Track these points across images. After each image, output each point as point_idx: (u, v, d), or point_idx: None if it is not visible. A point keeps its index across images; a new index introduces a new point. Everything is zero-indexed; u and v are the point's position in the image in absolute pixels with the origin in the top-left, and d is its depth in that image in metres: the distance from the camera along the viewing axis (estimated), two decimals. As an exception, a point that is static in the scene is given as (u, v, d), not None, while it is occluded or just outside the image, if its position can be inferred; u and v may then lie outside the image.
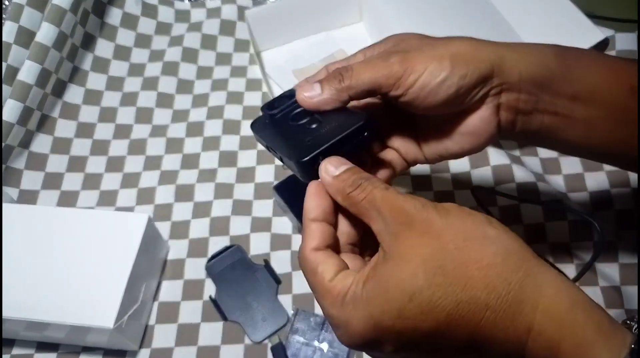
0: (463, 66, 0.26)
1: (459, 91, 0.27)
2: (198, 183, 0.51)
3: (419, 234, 0.22)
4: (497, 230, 0.23)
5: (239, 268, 0.46)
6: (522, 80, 0.27)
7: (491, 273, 0.21)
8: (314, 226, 0.25)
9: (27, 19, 0.53)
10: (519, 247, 0.22)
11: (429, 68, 0.26)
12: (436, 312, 0.21)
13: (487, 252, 0.22)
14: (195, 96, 0.57)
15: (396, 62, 0.27)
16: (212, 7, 0.64)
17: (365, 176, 0.25)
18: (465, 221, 0.23)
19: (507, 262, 0.21)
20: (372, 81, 0.27)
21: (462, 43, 0.27)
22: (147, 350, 0.42)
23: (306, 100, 0.28)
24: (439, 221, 0.22)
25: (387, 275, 0.22)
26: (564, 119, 0.29)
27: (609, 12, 0.55)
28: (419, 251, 0.22)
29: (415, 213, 0.23)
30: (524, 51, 0.28)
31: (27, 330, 0.41)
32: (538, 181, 0.47)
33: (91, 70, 0.58)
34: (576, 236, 0.45)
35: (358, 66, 0.28)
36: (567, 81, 0.28)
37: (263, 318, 0.43)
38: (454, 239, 0.22)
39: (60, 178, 0.52)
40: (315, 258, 0.25)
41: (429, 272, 0.21)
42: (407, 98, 0.27)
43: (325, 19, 0.62)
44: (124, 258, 0.40)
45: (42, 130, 0.53)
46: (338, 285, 0.23)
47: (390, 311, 0.22)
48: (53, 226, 0.42)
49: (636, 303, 0.42)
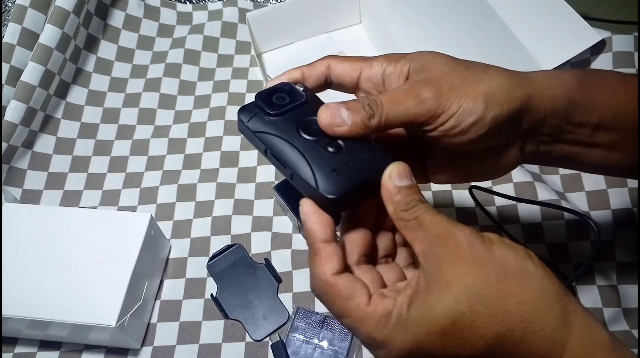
0: (497, 107, 0.26)
1: (489, 132, 0.26)
2: (200, 182, 0.51)
3: (464, 261, 0.23)
4: (536, 267, 0.23)
5: (240, 267, 0.46)
6: (547, 116, 0.27)
7: (528, 308, 0.22)
8: (328, 248, 0.24)
9: (30, 21, 0.53)
10: (554, 285, 0.23)
11: (463, 107, 0.26)
12: (475, 339, 0.22)
13: (526, 288, 0.22)
14: (197, 97, 0.58)
15: (429, 99, 0.26)
16: (213, 10, 0.64)
17: (420, 199, 0.25)
18: (508, 254, 0.23)
19: (544, 299, 0.22)
20: (403, 119, 0.26)
21: (495, 80, 0.26)
22: (149, 348, 0.43)
23: (332, 128, 0.26)
24: (484, 252, 0.23)
25: (432, 297, 0.23)
26: (585, 146, 0.29)
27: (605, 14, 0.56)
28: (463, 279, 0.23)
29: (462, 241, 0.23)
30: (549, 85, 0.27)
31: (30, 329, 0.41)
32: (535, 181, 0.48)
33: (94, 71, 0.59)
34: (573, 236, 0.45)
35: (387, 100, 0.26)
36: (590, 110, 0.28)
37: (264, 317, 0.43)
38: (496, 271, 0.23)
39: (63, 178, 0.52)
40: (343, 283, 0.24)
41: (471, 300, 0.22)
42: (435, 134, 0.27)
43: (325, 21, 0.62)
44: (126, 257, 0.40)
45: (46, 130, 0.54)
46: (378, 308, 0.23)
47: (434, 333, 0.22)
48: (56, 226, 0.42)
49: (633, 302, 0.42)
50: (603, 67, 0.53)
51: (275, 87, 0.28)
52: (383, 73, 0.28)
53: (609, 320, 0.42)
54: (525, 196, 0.47)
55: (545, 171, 0.50)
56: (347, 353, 0.41)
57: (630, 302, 0.42)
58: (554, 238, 0.46)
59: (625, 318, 0.42)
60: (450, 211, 0.48)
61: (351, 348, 0.41)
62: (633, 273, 0.43)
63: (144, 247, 0.41)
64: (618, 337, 0.37)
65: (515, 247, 0.24)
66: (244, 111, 0.27)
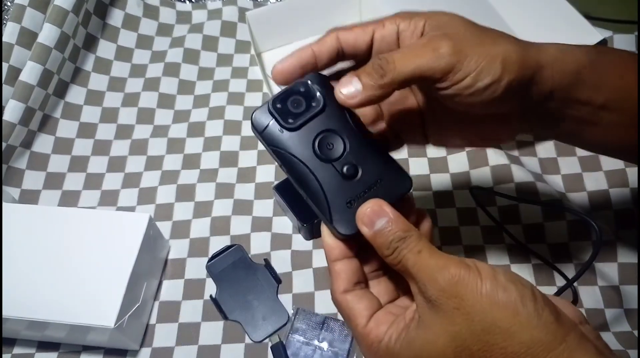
0: (513, 72, 0.25)
1: (501, 96, 0.26)
2: (199, 182, 0.51)
3: (450, 308, 0.22)
4: (527, 312, 0.22)
5: (239, 268, 0.46)
6: (554, 90, 0.27)
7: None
8: (337, 267, 0.26)
9: (29, 20, 0.53)
10: (547, 333, 0.22)
11: (481, 66, 0.25)
12: None
13: (514, 340, 0.22)
14: (196, 96, 0.58)
15: (448, 55, 0.24)
16: (213, 9, 0.64)
17: (402, 235, 0.24)
18: (497, 299, 0.22)
19: (532, 352, 0.21)
20: (418, 72, 0.25)
21: (510, 44, 0.26)
22: (148, 350, 0.42)
23: (347, 101, 0.25)
24: (470, 298, 0.22)
25: (418, 342, 0.23)
26: (588, 124, 0.28)
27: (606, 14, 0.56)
28: (448, 328, 0.22)
29: (445, 287, 0.22)
30: (561, 58, 0.27)
31: (28, 330, 0.41)
32: (537, 181, 0.48)
33: (93, 71, 0.58)
34: (575, 236, 0.45)
35: (401, 56, 0.25)
36: (597, 89, 0.27)
37: (263, 318, 0.43)
38: (483, 320, 0.22)
39: (62, 178, 0.52)
40: (347, 303, 0.25)
41: (456, 350, 0.22)
42: (448, 92, 0.25)
43: (325, 21, 0.62)
44: (125, 258, 0.40)
45: (44, 130, 0.54)
46: (372, 333, 0.24)
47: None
48: (54, 226, 0.42)
49: (635, 302, 0.42)
50: (604, 67, 0.53)
51: (290, 89, 0.26)
52: (397, 30, 0.27)
53: (610, 321, 0.42)
54: (526, 196, 0.47)
55: (547, 171, 0.50)
56: (347, 355, 0.41)
57: (632, 303, 0.42)
58: (555, 238, 0.46)
59: (627, 319, 0.42)
60: (452, 211, 0.48)
61: (351, 350, 0.41)
62: (635, 274, 0.43)
63: (142, 247, 0.41)
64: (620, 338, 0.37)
65: (508, 289, 0.22)
66: (258, 119, 0.26)
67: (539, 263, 0.45)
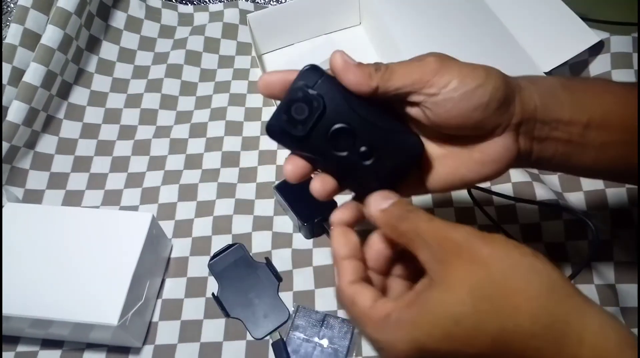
0: (496, 79, 0.27)
1: (490, 102, 0.26)
2: (201, 182, 0.52)
3: (467, 262, 0.23)
4: (543, 263, 0.23)
5: (240, 266, 0.46)
6: (537, 109, 0.28)
7: (537, 304, 0.22)
8: (345, 263, 0.27)
9: (32, 22, 0.54)
10: (564, 281, 0.23)
11: (464, 72, 0.26)
12: (482, 337, 0.22)
13: (534, 283, 0.22)
14: (198, 97, 0.58)
15: (432, 62, 0.27)
16: (214, 11, 0.65)
17: (411, 208, 0.26)
18: (512, 251, 0.23)
19: (553, 295, 0.22)
20: (406, 75, 0.27)
21: (491, 66, 0.28)
22: (151, 347, 0.43)
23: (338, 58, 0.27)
24: (485, 250, 0.23)
25: (434, 299, 0.23)
26: (578, 146, 0.29)
27: (603, 15, 0.56)
28: (467, 279, 0.23)
29: (462, 242, 0.23)
30: (534, 82, 0.29)
31: (32, 328, 0.41)
32: (534, 181, 0.48)
33: (96, 72, 0.59)
34: (572, 236, 0.46)
35: (396, 65, 0.27)
36: (578, 108, 0.28)
37: (264, 315, 0.44)
38: (501, 269, 0.22)
39: (66, 178, 0.53)
40: (353, 289, 0.26)
41: (475, 298, 0.22)
42: (438, 99, 0.27)
43: (325, 23, 0.62)
44: (128, 256, 0.41)
45: (48, 131, 0.54)
46: (378, 309, 0.24)
47: (436, 335, 0.22)
48: (58, 226, 0.42)
49: (631, 301, 0.43)
50: (601, 68, 0.53)
51: (290, 99, 0.27)
52: None
53: (607, 319, 0.42)
54: (523, 196, 0.47)
55: (544, 171, 0.50)
56: (347, 352, 0.41)
57: (628, 301, 0.43)
58: (552, 237, 0.46)
59: (624, 318, 0.42)
60: (449, 211, 0.49)
61: (351, 347, 0.41)
62: (631, 273, 0.43)
63: (145, 246, 0.42)
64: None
65: (519, 245, 0.23)
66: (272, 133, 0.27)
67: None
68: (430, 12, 0.56)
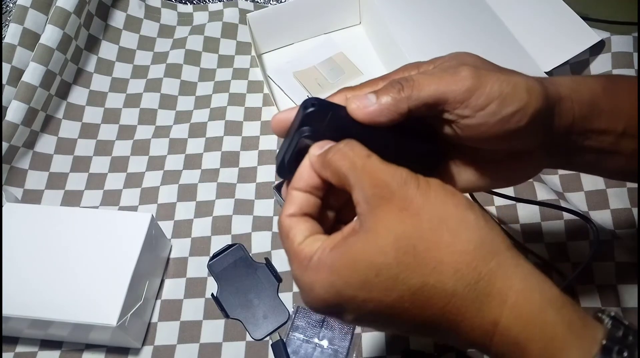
0: (539, 101, 0.24)
1: (528, 125, 0.24)
2: (200, 182, 0.52)
3: (396, 209, 0.22)
4: (477, 216, 0.22)
5: (240, 267, 0.46)
6: (575, 122, 0.26)
7: (461, 259, 0.21)
8: (293, 193, 0.25)
9: (31, 21, 0.54)
10: (495, 237, 0.22)
11: (505, 92, 0.24)
12: (401, 289, 0.21)
13: (461, 238, 0.21)
14: (198, 97, 0.58)
15: (468, 77, 0.24)
16: (214, 10, 0.64)
17: (344, 142, 0.24)
18: (446, 201, 0.22)
19: (480, 251, 0.21)
20: (437, 93, 0.24)
21: (530, 78, 0.25)
22: (150, 348, 0.43)
23: (358, 111, 0.24)
24: (419, 199, 0.22)
25: (357, 246, 0.22)
26: (608, 154, 0.28)
27: (604, 15, 0.56)
28: (393, 228, 0.22)
29: (395, 188, 0.22)
30: (577, 89, 0.26)
31: (31, 328, 0.41)
32: (535, 181, 0.48)
33: (95, 72, 0.59)
34: (572, 236, 0.46)
35: (421, 76, 0.24)
36: (615, 117, 0.27)
37: (264, 316, 0.44)
38: (430, 219, 0.21)
39: (65, 178, 0.52)
40: (289, 222, 0.24)
41: (399, 250, 0.21)
42: (472, 122, 0.24)
43: (325, 22, 0.62)
44: (127, 257, 0.40)
45: (47, 131, 0.54)
46: (305, 248, 0.23)
47: (354, 283, 0.21)
48: (57, 226, 0.42)
49: (632, 301, 0.42)
50: (602, 68, 0.53)
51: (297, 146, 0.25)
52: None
53: (608, 320, 0.42)
54: (524, 196, 0.47)
55: (545, 171, 0.50)
56: (347, 352, 0.41)
57: (629, 302, 0.42)
58: (553, 238, 0.46)
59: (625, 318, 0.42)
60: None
61: (351, 347, 0.41)
62: (632, 273, 0.43)
63: (144, 247, 0.41)
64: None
65: (457, 194, 0.22)
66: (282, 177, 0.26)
67: (536, 262, 0.45)
68: (430, 12, 0.56)
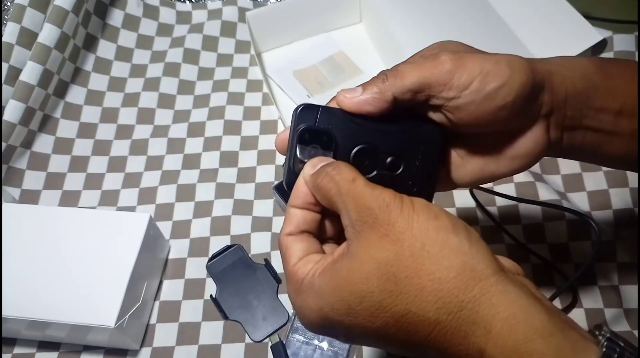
0: (522, 73, 0.25)
1: (516, 100, 0.25)
2: (199, 182, 0.51)
3: (379, 236, 0.22)
4: (460, 240, 0.21)
5: (239, 268, 0.46)
6: (568, 96, 0.26)
7: (443, 287, 0.21)
8: (291, 211, 0.25)
9: (29, 20, 0.53)
10: (479, 261, 0.21)
11: (486, 69, 0.24)
12: (385, 316, 0.21)
13: (442, 265, 0.21)
14: (197, 96, 0.58)
15: (447, 60, 0.25)
16: (213, 9, 0.64)
17: (332, 164, 0.24)
18: (428, 226, 0.22)
19: (462, 278, 0.21)
20: (420, 79, 0.25)
21: (512, 55, 0.25)
22: (148, 349, 0.43)
23: (345, 100, 0.26)
24: (400, 224, 0.22)
25: (342, 272, 0.22)
26: (608, 134, 0.27)
27: (606, 14, 0.56)
28: (375, 255, 0.22)
29: (378, 213, 0.22)
30: (568, 66, 0.27)
31: (29, 329, 0.41)
32: (537, 181, 0.48)
33: (93, 71, 0.58)
34: (575, 236, 0.45)
35: (404, 65, 0.26)
36: (611, 94, 0.27)
37: (263, 317, 0.43)
38: (412, 245, 0.21)
39: (62, 178, 0.52)
40: (286, 242, 0.25)
41: (381, 278, 0.21)
42: (459, 102, 0.25)
43: (325, 21, 0.62)
44: (125, 258, 0.40)
45: (44, 130, 0.54)
46: (299, 270, 0.24)
47: (340, 309, 0.22)
48: (55, 226, 0.42)
49: (634, 302, 0.42)
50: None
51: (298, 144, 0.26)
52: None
53: (610, 321, 0.42)
54: (526, 196, 0.47)
55: (547, 171, 0.50)
56: (347, 354, 0.41)
57: (631, 303, 0.42)
58: (555, 238, 0.46)
59: (627, 319, 0.42)
60: (451, 211, 0.48)
61: (351, 350, 0.41)
62: (634, 274, 0.43)
63: (143, 247, 0.41)
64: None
65: (440, 216, 0.22)
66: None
67: (539, 263, 0.45)
68: (431, 10, 0.56)
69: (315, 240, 0.25)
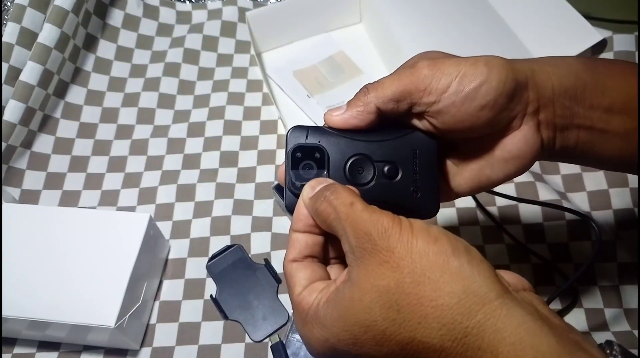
0: (501, 71, 0.25)
1: (497, 99, 0.25)
2: (199, 182, 0.51)
3: (378, 263, 0.22)
4: (460, 263, 0.21)
5: (239, 268, 0.46)
6: (555, 93, 0.26)
7: (445, 314, 0.20)
8: (294, 236, 0.25)
9: (29, 20, 0.53)
10: (481, 285, 0.21)
11: (463, 71, 0.25)
12: (391, 345, 0.21)
13: (444, 291, 0.21)
14: (197, 96, 0.58)
15: (425, 66, 0.25)
16: (213, 9, 0.64)
17: (330, 188, 0.24)
18: (427, 250, 0.21)
19: (464, 303, 0.20)
20: (399, 87, 0.25)
21: (491, 55, 0.26)
22: (148, 349, 0.42)
23: (332, 118, 0.26)
24: (400, 249, 0.21)
25: (345, 302, 0.22)
26: (600, 133, 0.27)
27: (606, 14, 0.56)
28: (376, 283, 0.21)
29: (376, 239, 0.22)
30: (553, 64, 0.27)
31: (29, 329, 0.41)
32: (537, 181, 0.48)
33: (93, 71, 0.58)
34: (575, 236, 0.45)
35: (385, 77, 0.26)
36: (600, 91, 0.27)
37: (263, 317, 0.43)
38: (412, 272, 0.21)
39: (62, 178, 0.52)
40: (290, 269, 0.25)
41: (383, 306, 0.21)
42: (440, 106, 0.25)
43: (325, 21, 0.62)
44: (125, 258, 0.40)
45: (44, 130, 0.54)
46: (304, 300, 0.24)
47: (345, 340, 0.22)
48: (55, 226, 0.42)
49: (635, 302, 0.42)
50: (604, 67, 0.53)
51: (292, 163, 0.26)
52: None
53: (610, 321, 0.42)
54: (526, 196, 0.47)
55: (547, 171, 0.50)
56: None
57: (631, 303, 0.42)
58: (555, 238, 0.46)
59: (627, 319, 0.42)
60: (451, 211, 0.48)
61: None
62: (634, 274, 0.43)
63: (143, 247, 0.41)
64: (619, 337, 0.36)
65: (439, 240, 0.22)
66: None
67: (539, 263, 0.45)
68: (431, 10, 0.56)
69: (319, 265, 0.25)
